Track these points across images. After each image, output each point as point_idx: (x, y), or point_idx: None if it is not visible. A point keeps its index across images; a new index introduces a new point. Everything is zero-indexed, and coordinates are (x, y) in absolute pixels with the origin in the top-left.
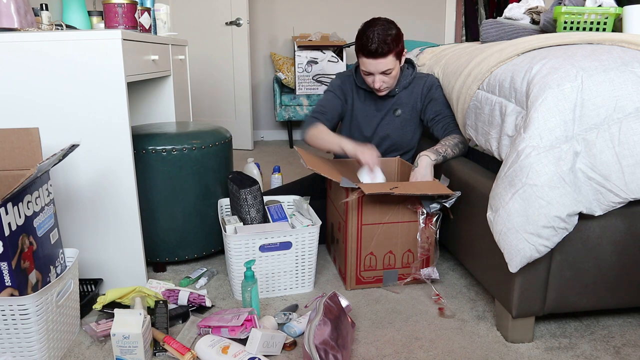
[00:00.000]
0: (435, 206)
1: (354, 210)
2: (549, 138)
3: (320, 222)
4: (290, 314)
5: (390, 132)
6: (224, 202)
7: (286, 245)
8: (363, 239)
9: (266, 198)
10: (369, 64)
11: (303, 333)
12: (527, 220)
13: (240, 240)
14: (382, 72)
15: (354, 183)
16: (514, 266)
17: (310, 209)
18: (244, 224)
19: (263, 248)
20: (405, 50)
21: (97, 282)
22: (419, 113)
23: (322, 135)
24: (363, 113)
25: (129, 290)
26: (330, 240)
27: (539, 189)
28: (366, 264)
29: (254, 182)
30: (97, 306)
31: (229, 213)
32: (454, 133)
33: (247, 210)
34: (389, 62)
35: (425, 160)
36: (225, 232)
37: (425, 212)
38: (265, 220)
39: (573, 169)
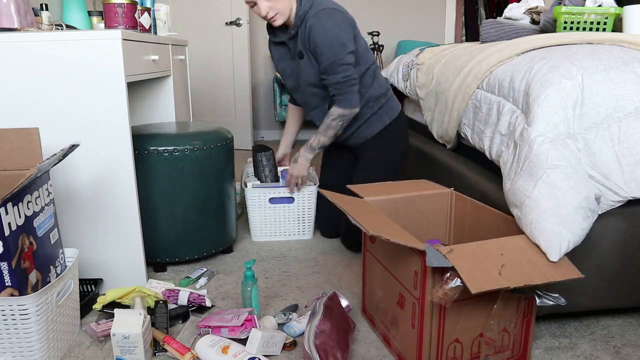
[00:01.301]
0: (548, 302)
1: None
2: (555, 132)
3: (317, 183)
4: (290, 314)
5: (312, 80)
6: (250, 169)
7: (290, 200)
8: (447, 321)
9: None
10: None
11: (303, 333)
12: (557, 203)
13: (255, 193)
14: None
15: (444, 257)
16: (554, 253)
17: (313, 170)
18: (260, 182)
19: (272, 200)
20: None
21: (97, 282)
22: (314, 58)
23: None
24: (280, 63)
25: (129, 290)
26: (374, 308)
27: (564, 169)
28: (449, 355)
29: (269, 149)
30: (97, 306)
31: (251, 176)
32: (333, 107)
33: (262, 169)
34: None
35: (302, 162)
36: (246, 187)
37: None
38: (276, 180)
39: (581, 162)
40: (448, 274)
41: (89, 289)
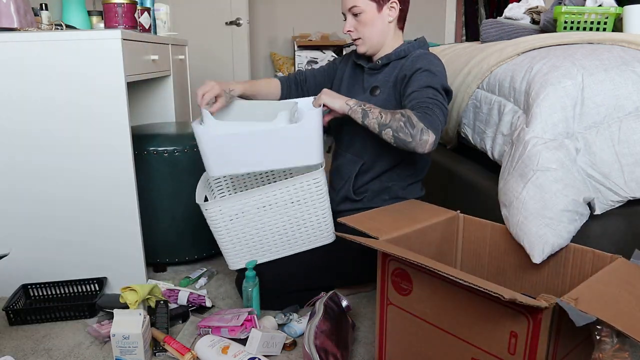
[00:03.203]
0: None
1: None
2: (553, 132)
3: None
4: (290, 314)
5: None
6: None
7: None
8: None
9: None
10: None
11: (303, 333)
12: (544, 206)
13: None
14: (350, 10)
15: (580, 311)
16: (537, 256)
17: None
18: None
19: None
20: (399, 7)
21: (101, 281)
22: (399, 95)
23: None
24: (346, 86)
25: (150, 287)
26: None
27: (554, 172)
28: None
29: None
30: (134, 307)
31: None
32: (413, 110)
33: None
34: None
35: (342, 103)
36: None
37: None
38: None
39: (576, 163)
40: (597, 333)
41: (93, 288)
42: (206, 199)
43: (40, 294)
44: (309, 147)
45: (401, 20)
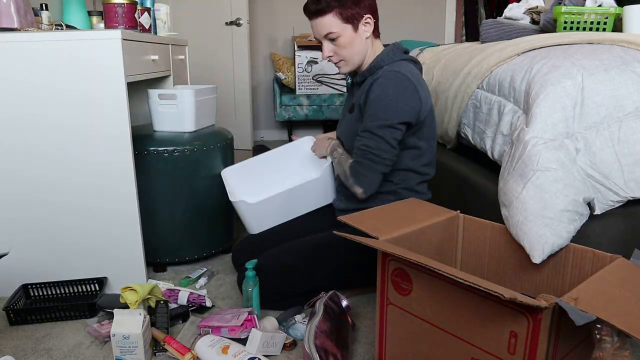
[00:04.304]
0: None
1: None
2: (553, 132)
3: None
4: (293, 318)
5: (341, 135)
6: None
7: None
8: None
9: None
10: (311, 27)
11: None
12: (544, 206)
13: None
14: (326, 36)
15: (580, 310)
16: (537, 256)
17: None
18: None
19: None
20: (371, 21)
21: (101, 281)
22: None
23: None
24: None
25: (150, 287)
26: None
27: (554, 172)
28: None
29: (269, 150)
30: (134, 307)
31: None
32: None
33: None
34: (328, 22)
35: (326, 146)
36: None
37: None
38: None
39: (576, 163)
40: (597, 332)
41: (93, 288)
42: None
43: (41, 294)
44: (326, 191)
45: (376, 30)
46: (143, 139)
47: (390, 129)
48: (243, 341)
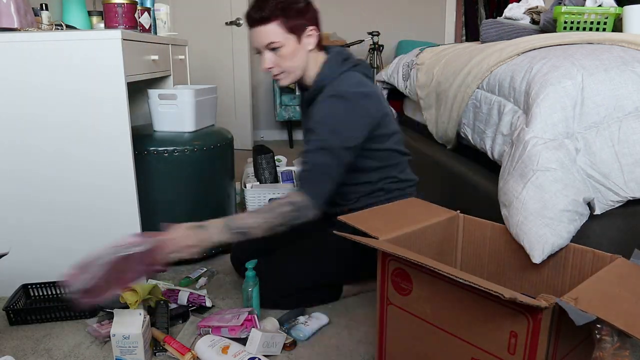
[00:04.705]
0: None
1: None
2: (553, 132)
3: None
4: (297, 318)
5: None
6: (250, 169)
7: None
8: None
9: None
10: (251, 36)
11: (312, 335)
12: (544, 206)
13: (254, 193)
14: (267, 46)
15: (580, 310)
16: (537, 256)
17: None
18: (260, 184)
19: (272, 201)
20: (315, 33)
21: None
22: None
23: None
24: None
25: (150, 287)
26: None
27: (553, 172)
28: None
29: (269, 151)
30: (134, 307)
31: (251, 176)
32: (295, 191)
33: (262, 171)
34: (272, 31)
35: (193, 235)
36: (246, 187)
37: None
38: (276, 181)
39: (576, 163)
40: (597, 332)
41: None
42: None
43: (41, 293)
44: None
45: (319, 42)
46: (143, 139)
47: (340, 152)
48: (243, 341)
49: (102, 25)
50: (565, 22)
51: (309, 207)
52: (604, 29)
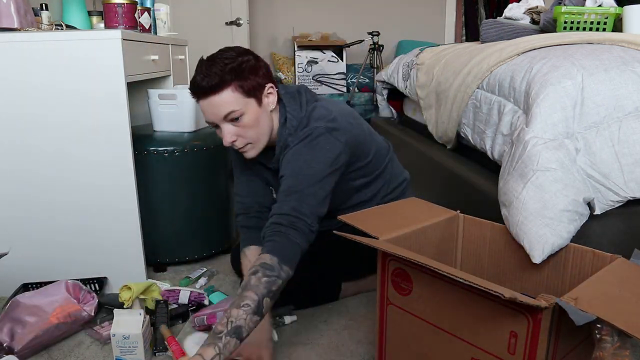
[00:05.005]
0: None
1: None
2: (553, 132)
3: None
4: (281, 317)
5: None
6: None
7: None
8: None
9: None
10: (203, 109)
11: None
12: (544, 206)
13: None
14: (225, 117)
15: (580, 310)
16: (537, 256)
17: None
18: None
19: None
20: (273, 90)
21: (102, 281)
22: None
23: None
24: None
25: (146, 285)
26: None
27: (553, 172)
28: None
29: None
30: (128, 303)
31: None
32: (267, 254)
33: None
34: (227, 100)
35: None
36: None
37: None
38: None
39: (576, 163)
40: (597, 332)
41: (93, 288)
42: None
43: None
44: None
45: (278, 98)
46: (143, 139)
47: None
48: None
49: (102, 25)
50: (565, 22)
51: (281, 274)
52: (604, 29)
